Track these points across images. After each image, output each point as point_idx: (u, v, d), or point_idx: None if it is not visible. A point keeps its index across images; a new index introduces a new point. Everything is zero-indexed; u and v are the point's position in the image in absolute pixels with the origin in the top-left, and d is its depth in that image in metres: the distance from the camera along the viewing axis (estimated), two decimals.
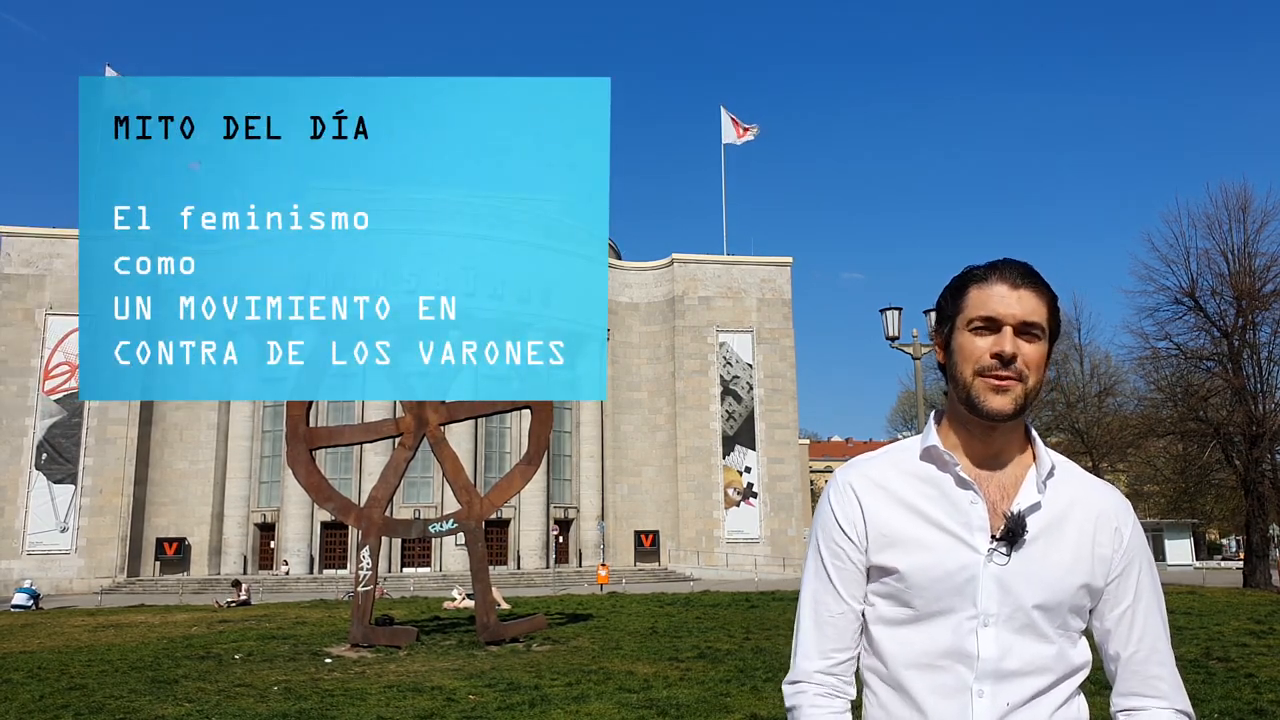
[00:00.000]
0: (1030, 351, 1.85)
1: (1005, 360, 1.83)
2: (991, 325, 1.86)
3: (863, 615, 1.97)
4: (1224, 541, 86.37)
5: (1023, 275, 1.89)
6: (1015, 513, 1.87)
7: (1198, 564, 64.11)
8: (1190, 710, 1.94)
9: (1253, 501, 38.50)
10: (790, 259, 67.21)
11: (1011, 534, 1.85)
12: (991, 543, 1.85)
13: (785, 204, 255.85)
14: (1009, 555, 1.84)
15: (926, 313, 21.87)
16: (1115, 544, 1.91)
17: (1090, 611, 1.93)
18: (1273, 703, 10.65)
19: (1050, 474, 1.92)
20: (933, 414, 2.02)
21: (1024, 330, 1.85)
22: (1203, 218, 40.00)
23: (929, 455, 1.94)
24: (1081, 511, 1.91)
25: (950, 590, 1.85)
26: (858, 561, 1.95)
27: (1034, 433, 1.98)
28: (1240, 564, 46.80)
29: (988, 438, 1.92)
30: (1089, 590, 1.89)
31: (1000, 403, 1.84)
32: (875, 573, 1.93)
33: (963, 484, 1.90)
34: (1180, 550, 63.67)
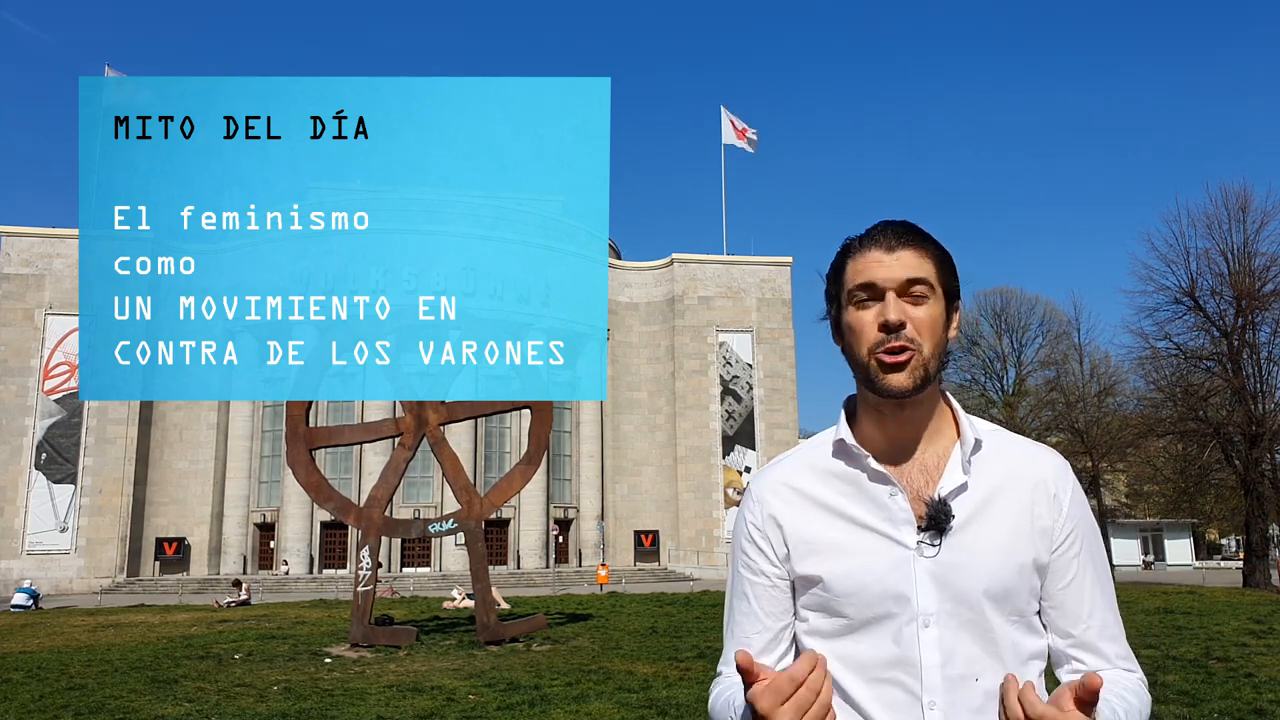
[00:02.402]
0: (919, 315, 1.69)
1: (892, 328, 1.68)
2: (872, 292, 1.71)
3: (788, 631, 1.83)
4: (1224, 541, 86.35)
5: (899, 235, 1.74)
6: (937, 498, 1.71)
7: (1198, 564, 64.10)
8: (1143, 677, 1.77)
9: (1252, 501, 38.51)
10: (790, 259, 67.22)
11: (935, 521, 1.69)
12: (919, 534, 1.70)
13: (785, 204, 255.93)
14: (938, 546, 1.69)
15: None
16: (1055, 513, 1.74)
17: (1040, 590, 1.76)
18: (1273, 703, 10.65)
19: (976, 449, 1.76)
20: (844, 402, 1.86)
21: (908, 291, 1.70)
22: (1202, 218, 40.10)
23: (840, 450, 1.79)
24: (1016, 484, 1.75)
25: (882, 594, 1.70)
26: (774, 576, 1.81)
27: (956, 405, 1.83)
28: (1240, 564, 46.81)
29: (900, 417, 1.76)
30: (1036, 567, 1.72)
31: (897, 379, 1.68)
32: (801, 584, 1.79)
33: (877, 477, 1.75)
34: (1180, 550, 63.64)
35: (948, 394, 1.84)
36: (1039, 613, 1.78)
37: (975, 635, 1.69)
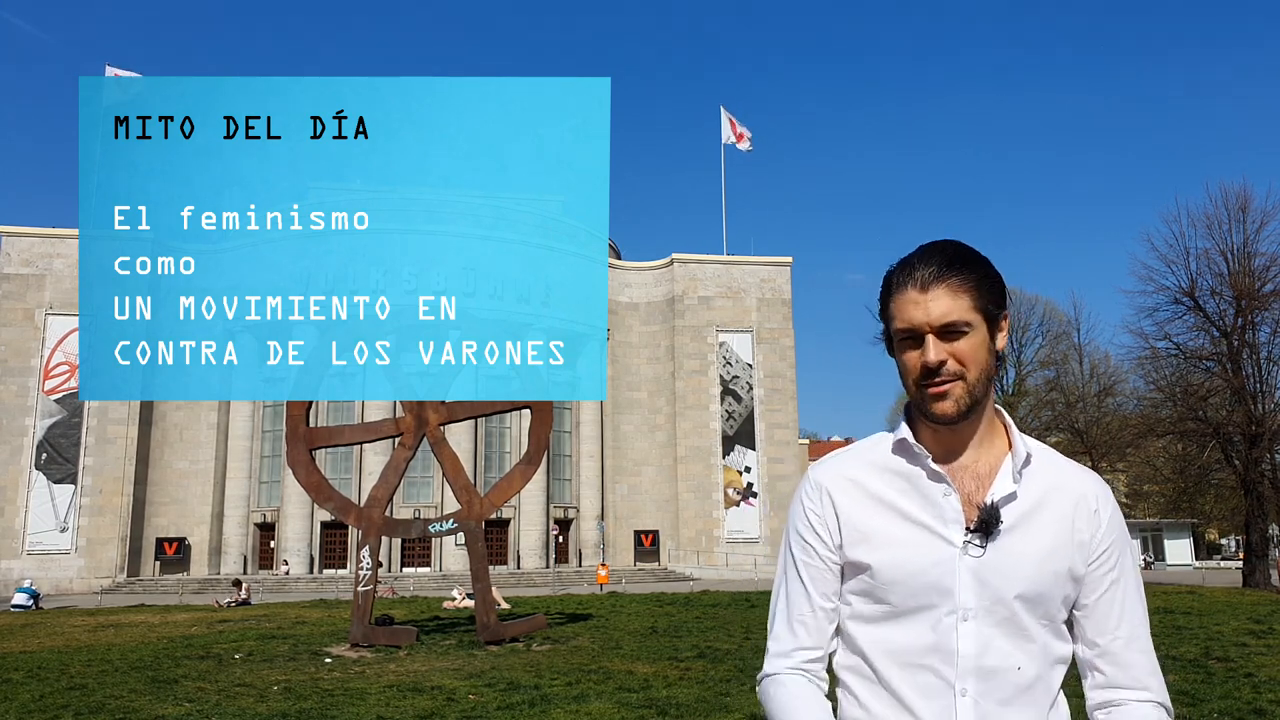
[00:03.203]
0: (960, 347, 1.79)
1: (931, 369, 1.79)
2: (913, 335, 1.82)
3: (837, 614, 1.93)
4: (1224, 541, 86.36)
5: (934, 271, 1.81)
6: (990, 503, 1.83)
7: (1197, 564, 64.06)
8: (1168, 702, 1.86)
9: (1252, 501, 38.50)
10: (790, 259, 67.20)
11: (986, 525, 1.81)
12: (966, 535, 1.82)
13: (786, 204, 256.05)
14: (984, 547, 1.80)
15: None
16: (1094, 528, 1.87)
17: (1074, 600, 1.88)
18: (1272, 703, 10.65)
19: (1026, 462, 1.88)
20: (905, 408, 1.98)
21: (945, 332, 1.79)
22: (1202, 218, 40.05)
23: (900, 448, 1.91)
24: (1059, 497, 1.87)
25: (926, 585, 1.81)
26: (829, 560, 1.91)
27: (1008, 418, 1.95)
28: (1240, 564, 46.79)
29: (954, 430, 1.88)
30: (1071, 577, 1.84)
31: (943, 407, 1.80)
32: (850, 569, 1.90)
33: (935, 477, 1.86)
34: (1180, 550, 63.63)
35: (1001, 409, 1.95)
36: (1068, 622, 1.89)
37: (1010, 632, 1.80)
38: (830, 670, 1.97)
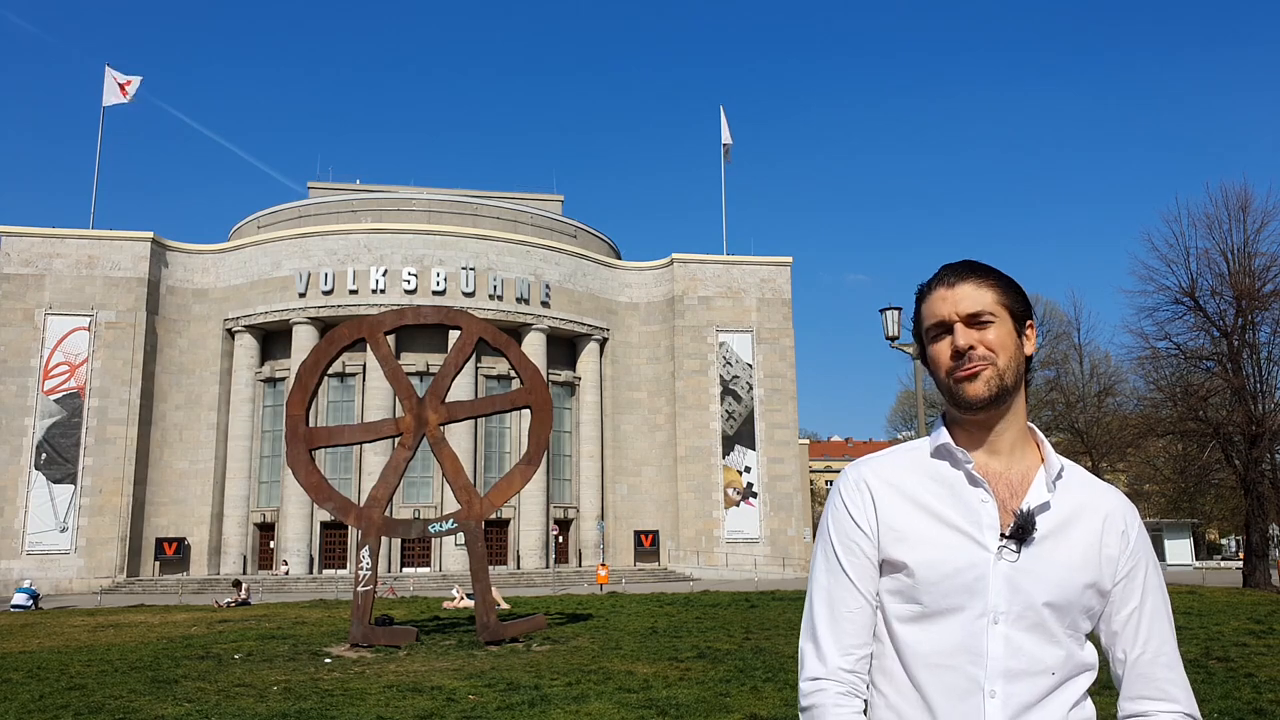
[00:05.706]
0: (988, 335, 1.90)
1: (961, 353, 1.89)
2: (943, 328, 1.93)
3: (878, 611, 1.96)
4: (1224, 541, 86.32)
5: (958, 273, 1.97)
6: (1025, 510, 1.88)
7: (1198, 564, 64.01)
8: (1197, 713, 1.91)
9: (1252, 501, 38.47)
10: (790, 259, 67.15)
11: (1021, 531, 1.86)
12: (1001, 540, 1.87)
13: (786, 204, 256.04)
14: (1018, 553, 1.86)
15: None
16: (1122, 545, 1.93)
17: (1098, 614, 1.94)
18: (1272, 702, 10.65)
19: (1059, 476, 1.94)
20: (941, 416, 2.05)
21: (973, 321, 1.91)
22: (1203, 218, 40.02)
23: (941, 452, 1.96)
24: (1089, 513, 1.93)
25: (959, 587, 1.85)
26: (871, 555, 1.95)
27: (1040, 435, 2.01)
28: (1240, 564, 46.76)
29: (987, 433, 1.94)
30: (1097, 591, 1.90)
31: (974, 388, 1.88)
32: (885, 567, 1.94)
33: (974, 481, 1.92)
34: (1180, 550, 63.56)
35: (1034, 426, 2.02)
36: (1094, 635, 1.95)
37: (1039, 637, 1.85)
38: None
